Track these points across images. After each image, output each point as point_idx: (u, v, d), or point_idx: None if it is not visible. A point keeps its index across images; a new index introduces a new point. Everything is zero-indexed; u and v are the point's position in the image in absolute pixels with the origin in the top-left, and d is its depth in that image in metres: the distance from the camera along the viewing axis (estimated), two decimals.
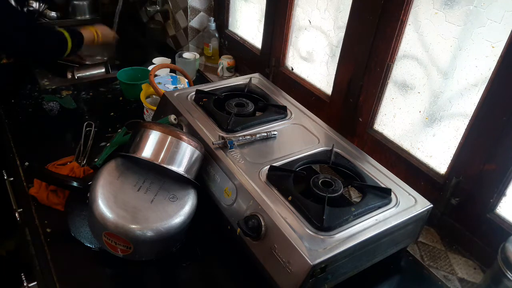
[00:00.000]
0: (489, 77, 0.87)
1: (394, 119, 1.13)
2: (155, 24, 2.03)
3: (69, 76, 1.76)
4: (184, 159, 0.91)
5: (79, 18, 2.07)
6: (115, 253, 0.85)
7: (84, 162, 1.14)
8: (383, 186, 0.91)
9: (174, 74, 1.47)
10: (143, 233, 0.81)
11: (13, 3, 1.86)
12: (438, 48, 0.97)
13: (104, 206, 0.82)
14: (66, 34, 1.49)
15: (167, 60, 1.67)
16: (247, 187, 0.86)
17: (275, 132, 1.03)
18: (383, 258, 0.89)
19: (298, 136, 1.06)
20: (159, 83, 1.35)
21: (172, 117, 1.06)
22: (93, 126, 1.27)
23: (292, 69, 1.48)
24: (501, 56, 0.84)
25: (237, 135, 1.00)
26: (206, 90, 1.18)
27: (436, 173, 1.04)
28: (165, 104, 1.14)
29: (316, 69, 1.38)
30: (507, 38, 0.82)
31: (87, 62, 1.83)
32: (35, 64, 1.67)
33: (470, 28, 0.89)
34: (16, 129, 1.28)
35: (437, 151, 1.04)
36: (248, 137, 1.00)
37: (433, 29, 0.97)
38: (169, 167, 0.89)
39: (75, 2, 2.00)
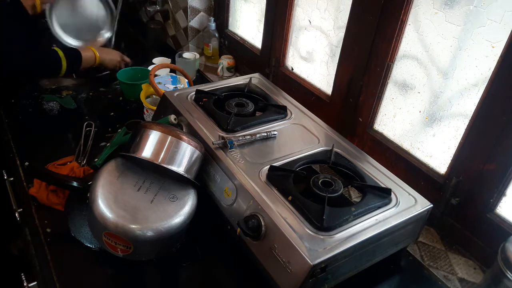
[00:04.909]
0: (489, 77, 0.87)
1: (394, 119, 1.13)
2: (155, 24, 2.03)
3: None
4: (184, 159, 0.91)
5: None
6: (115, 253, 0.85)
7: (84, 162, 1.14)
8: (383, 186, 0.91)
9: (174, 74, 1.47)
10: (143, 233, 0.81)
11: None
12: (438, 48, 0.97)
13: (104, 206, 0.82)
14: (61, 54, 1.40)
15: (167, 60, 1.67)
16: (247, 187, 0.86)
17: (275, 132, 1.03)
18: (383, 258, 0.89)
19: (298, 136, 1.06)
20: (159, 83, 1.35)
21: (172, 117, 1.06)
22: (93, 126, 1.27)
23: (292, 69, 1.48)
24: (501, 56, 0.84)
25: (237, 135, 1.00)
26: (206, 90, 1.18)
27: (436, 173, 1.04)
28: (165, 104, 1.14)
29: (316, 69, 1.38)
30: (507, 38, 0.82)
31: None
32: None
33: (470, 28, 0.89)
34: (16, 129, 1.28)
35: (437, 151, 1.04)
36: (248, 137, 1.00)
37: (433, 29, 0.97)
38: (169, 167, 0.89)
39: None
